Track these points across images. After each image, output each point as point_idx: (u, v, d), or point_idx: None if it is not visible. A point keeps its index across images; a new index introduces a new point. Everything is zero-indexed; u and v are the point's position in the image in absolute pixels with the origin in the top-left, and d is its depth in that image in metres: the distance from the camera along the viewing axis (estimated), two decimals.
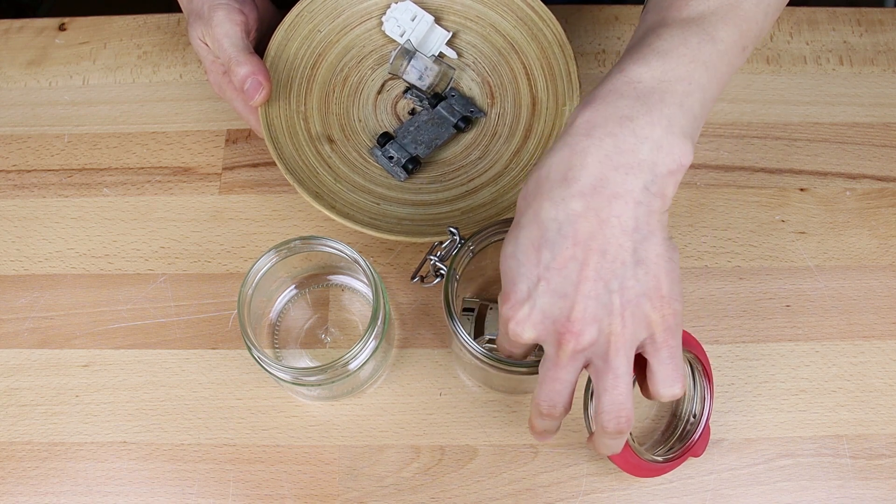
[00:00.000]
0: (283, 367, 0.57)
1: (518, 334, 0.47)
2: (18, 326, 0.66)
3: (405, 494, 0.61)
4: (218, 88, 0.67)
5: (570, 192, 0.45)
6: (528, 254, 0.46)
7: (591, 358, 0.47)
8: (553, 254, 0.45)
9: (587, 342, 0.46)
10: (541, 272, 0.46)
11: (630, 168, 0.44)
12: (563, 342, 0.46)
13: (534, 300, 0.46)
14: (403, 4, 0.70)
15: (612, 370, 0.46)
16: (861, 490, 0.60)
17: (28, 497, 0.61)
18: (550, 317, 0.46)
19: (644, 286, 0.45)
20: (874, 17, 0.76)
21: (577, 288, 0.45)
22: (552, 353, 0.47)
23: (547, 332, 0.46)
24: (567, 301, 0.45)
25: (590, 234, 0.45)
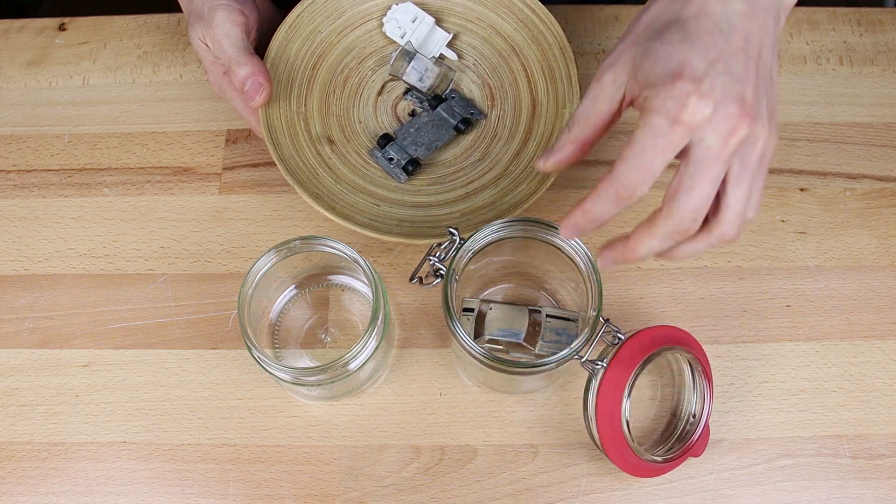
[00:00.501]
0: (283, 367, 0.57)
1: (697, 111, 0.44)
2: (18, 326, 0.66)
3: (405, 494, 0.61)
4: (218, 89, 0.67)
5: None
6: (700, 38, 0.46)
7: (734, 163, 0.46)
8: (727, 42, 0.46)
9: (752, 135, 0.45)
10: (718, 55, 0.45)
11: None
12: (738, 126, 0.45)
13: (713, 77, 0.45)
14: (404, 6, 0.70)
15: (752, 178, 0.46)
16: (861, 490, 0.60)
17: (28, 497, 0.61)
18: (729, 97, 0.45)
19: (775, 104, 0.48)
20: (874, 17, 0.76)
21: (747, 78, 0.45)
22: (716, 143, 0.45)
23: (724, 114, 0.45)
24: (741, 87, 0.45)
25: (754, 34, 0.46)
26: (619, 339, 0.57)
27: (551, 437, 0.62)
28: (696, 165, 0.46)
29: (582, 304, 0.59)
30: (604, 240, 0.68)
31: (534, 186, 0.64)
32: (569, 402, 0.63)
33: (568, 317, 0.62)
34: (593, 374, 0.56)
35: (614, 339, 0.57)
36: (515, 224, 0.57)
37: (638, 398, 0.63)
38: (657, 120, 0.45)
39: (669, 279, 0.66)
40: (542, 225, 0.57)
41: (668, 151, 0.45)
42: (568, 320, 0.62)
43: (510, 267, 0.65)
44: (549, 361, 0.54)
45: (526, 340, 0.62)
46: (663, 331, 0.58)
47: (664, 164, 0.46)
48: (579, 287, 0.59)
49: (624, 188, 0.46)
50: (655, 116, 0.45)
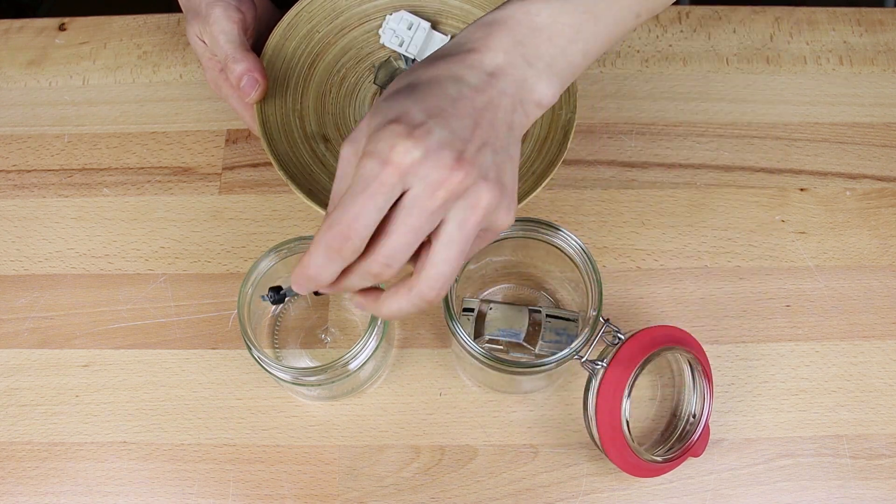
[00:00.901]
0: (284, 368, 0.57)
1: (404, 152, 0.43)
2: (18, 326, 0.66)
3: (405, 494, 0.61)
4: (215, 86, 0.67)
5: (471, 72, 0.47)
6: (426, 96, 0.46)
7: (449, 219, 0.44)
8: (453, 103, 0.46)
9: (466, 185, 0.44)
10: (439, 111, 0.45)
11: (514, 80, 0.48)
12: (449, 176, 0.43)
13: (431, 127, 0.44)
14: (398, 15, 0.70)
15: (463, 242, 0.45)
16: (861, 490, 0.60)
17: (28, 497, 0.61)
18: (444, 146, 0.44)
19: (507, 179, 0.46)
20: (874, 17, 0.76)
21: (470, 136, 0.45)
22: (423, 193, 0.43)
23: (435, 160, 0.43)
24: (461, 143, 0.44)
25: (484, 106, 0.46)
26: (619, 339, 0.57)
27: (551, 437, 0.62)
28: (399, 211, 0.44)
29: (582, 304, 0.59)
30: (604, 238, 0.68)
31: (529, 186, 0.64)
32: (569, 402, 0.63)
33: (568, 317, 0.62)
34: (593, 374, 0.56)
35: (614, 339, 0.57)
36: (515, 224, 0.57)
37: (638, 398, 0.63)
38: (368, 163, 0.44)
39: (669, 279, 0.66)
40: (541, 225, 0.57)
41: (379, 195, 0.43)
42: (568, 320, 0.62)
43: (510, 267, 0.65)
44: (549, 361, 0.54)
45: (526, 340, 0.62)
46: (663, 331, 0.58)
47: (377, 211, 0.43)
48: (579, 287, 0.59)
49: (334, 237, 0.44)
50: (367, 159, 0.44)
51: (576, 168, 0.70)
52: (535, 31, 0.49)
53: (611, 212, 0.69)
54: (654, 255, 0.67)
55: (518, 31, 0.48)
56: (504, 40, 0.48)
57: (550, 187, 0.69)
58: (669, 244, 0.68)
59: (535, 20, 0.49)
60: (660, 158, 0.71)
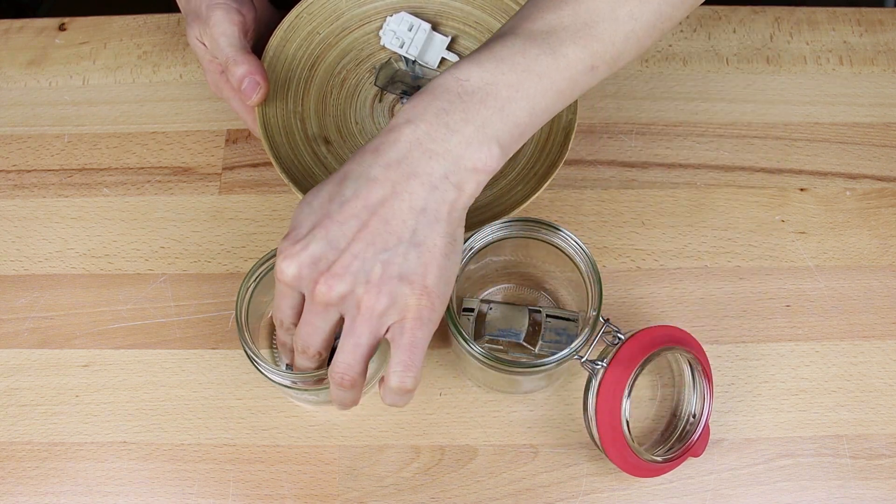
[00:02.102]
0: (282, 373, 0.57)
1: (282, 269, 0.48)
2: (18, 326, 0.66)
3: (405, 494, 0.61)
4: (215, 88, 0.67)
5: (376, 161, 0.48)
6: (322, 203, 0.48)
7: (344, 314, 0.49)
8: (340, 206, 0.47)
9: (336, 297, 0.47)
10: (323, 220, 0.48)
11: (434, 154, 0.47)
12: (315, 288, 0.48)
13: (307, 242, 0.48)
14: (399, 16, 0.70)
15: (355, 335, 0.48)
16: (861, 490, 0.60)
17: (28, 497, 0.61)
18: (316, 261, 0.47)
19: (409, 269, 0.47)
20: (874, 17, 0.76)
21: (349, 244, 0.47)
22: (308, 299, 0.49)
23: (307, 274, 0.48)
24: (335, 253, 0.47)
25: (380, 200, 0.47)
26: (619, 339, 0.57)
27: (551, 437, 0.62)
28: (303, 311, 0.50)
29: (582, 304, 0.59)
30: (604, 238, 0.68)
31: (531, 188, 0.64)
32: (569, 402, 0.63)
33: (568, 317, 0.62)
34: (593, 374, 0.56)
35: (614, 339, 0.57)
36: (515, 224, 0.57)
37: (638, 398, 0.63)
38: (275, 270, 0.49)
39: (669, 279, 0.67)
40: (542, 225, 0.57)
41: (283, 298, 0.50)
42: (568, 320, 0.62)
43: (510, 267, 0.65)
44: (549, 361, 0.54)
45: (526, 340, 0.62)
46: (663, 331, 0.58)
47: (289, 308, 0.51)
48: (579, 287, 0.59)
49: (277, 323, 0.53)
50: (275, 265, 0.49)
51: (576, 168, 0.70)
52: (464, 96, 0.48)
53: (611, 212, 0.69)
54: (654, 255, 0.67)
55: (444, 99, 0.48)
56: (429, 110, 0.48)
57: (550, 187, 0.69)
58: (669, 244, 0.68)
59: (464, 85, 0.48)
60: (660, 158, 0.71)
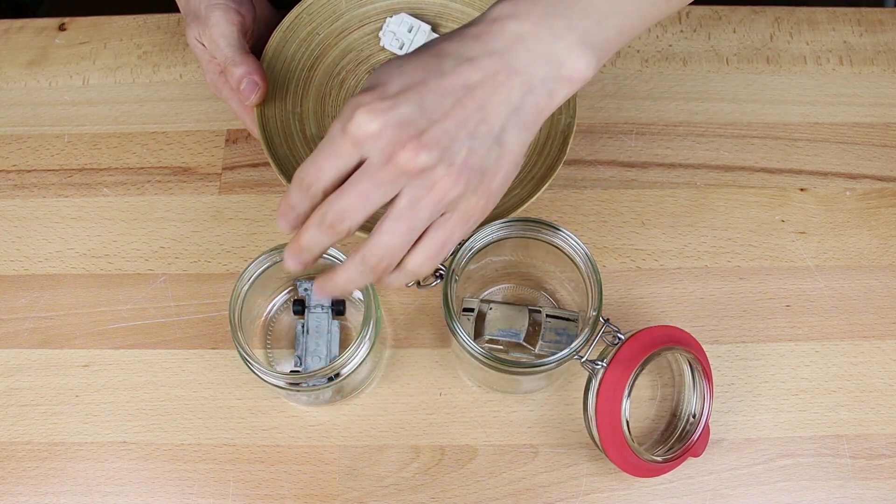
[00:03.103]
0: (277, 374, 0.57)
1: (360, 123, 0.44)
2: (18, 326, 0.66)
3: (405, 494, 0.61)
4: (214, 88, 0.67)
5: (478, 47, 0.46)
6: (416, 69, 0.45)
7: (403, 194, 0.45)
8: (439, 78, 0.45)
9: (417, 167, 0.44)
10: (417, 85, 0.45)
11: (537, 55, 0.46)
12: (397, 152, 0.44)
13: (397, 101, 0.44)
14: (398, 17, 0.70)
15: (413, 220, 0.45)
16: (861, 490, 0.60)
17: (28, 497, 0.61)
18: (404, 124, 0.44)
19: (487, 165, 0.46)
20: (874, 17, 0.76)
21: (442, 117, 0.44)
22: (376, 164, 0.44)
23: (391, 135, 0.44)
24: (426, 122, 0.44)
25: (479, 84, 0.45)
26: (619, 339, 0.57)
27: (551, 437, 0.62)
28: (355, 175, 0.45)
29: (582, 304, 0.59)
30: (604, 238, 0.68)
31: (529, 190, 0.64)
32: (569, 402, 0.63)
33: (568, 317, 0.62)
34: (593, 374, 0.56)
35: (614, 339, 0.57)
36: (515, 224, 0.57)
37: (638, 398, 0.63)
38: (335, 125, 0.45)
39: (669, 279, 0.67)
40: (541, 225, 0.57)
41: (336, 158, 0.45)
42: (568, 320, 0.62)
43: (510, 267, 0.65)
44: (549, 361, 0.54)
45: (526, 340, 0.62)
46: (663, 331, 0.58)
47: (334, 170, 0.45)
48: (579, 287, 0.59)
49: (302, 179, 0.46)
50: (335, 121, 0.45)
51: (576, 168, 0.70)
52: (569, 3, 0.47)
53: (611, 212, 0.69)
54: (654, 255, 0.67)
55: (548, 2, 0.47)
56: (533, 10, 0.46)
57: (550, 187, 0.69)
58: (669, 244, 0.68)
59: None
60: (660, 158, 0.71)
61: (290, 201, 0.47)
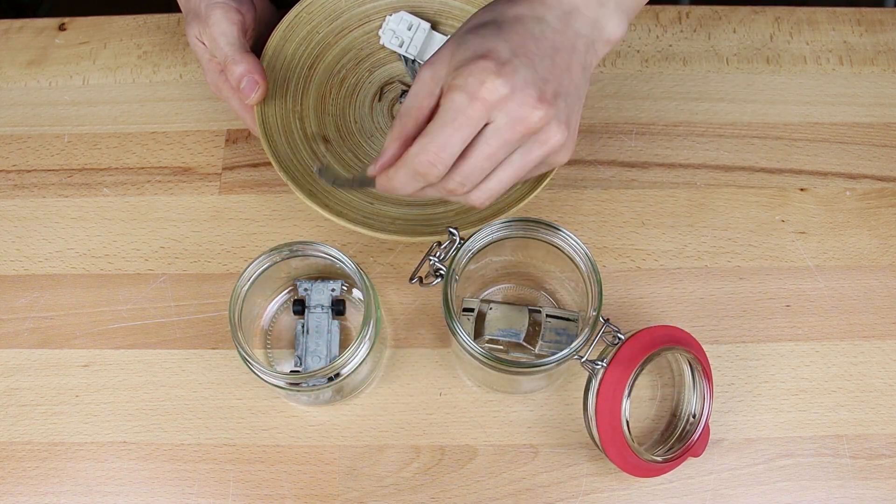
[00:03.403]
0: (277, 374, 0.57)
1: (493, 88, 0.46)
2: (18, 326, 0.66)
3: (405, 494, 0.61)
4: (214, 87, 0.67)
5: (550, 12, 0.50)
6: (512, 35, 0.48)
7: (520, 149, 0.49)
8: (536, 41, 0.48)
9: (542, 124, 0.48)
10: (522, 49, 0.48)
11: (587, 20, 0.51)
12: (530, 114, 0.47)
13: (516, 66, 0.47)
14: (398, 15, 0.70)
15: (519, 167, 0.50)
16: (861, 490, 0.60)
17: (28, 497, 0.61)
18: (529, 85, 0.47)
19: (575, 118, 0.50)
20: (874, 17, 0.76)
21: (550, 76, 0.48)
22: (505, 126, 0.47)
23: (520, 96, 0.47)
24: (543, 82, 0.48)
25: (562, 47, 0.49)
26: (619, 339, 0.57)
27: (551, 437, 0.62)
28: (480, 139, 0.48)
29: (582, 304, 0.59)
30: (604, 238, 0.68)
31: (529, 186, 0.64)
32: (569, 402, 0.63)
33: (568, 317, 0.62)
34: (593, 374, 0.56)
35: (614, 339, 0.57)
36: (515, 224, 0.57)
37: (638, 398, 0.63)
38: (458, 96, 0.47)
39: (669, 279, 0.67)
40: (542, 225, 0.57)
41: (465, 128, 0.47)
42: (568, 320, 0.62)
43: (510, 267, 0.65)
44: (549, 361, 0.54)
45: (526, 340, 0.62)
46: (663, 331, 0.58)
47: (461, 142, 0.47)
48: (579, 287, 0.59)
49: (420, 164, 0.47)
50: (457, 93, 0.47)
51: (576, 168, 0.70)
52: None
53: (611, 212, 0.69)
54: (654, 255, 0.67)
55: None
56: None
57: (550, 187, 0.69)
58: (669, 244, 0.68)
59: None
60: (660, 158, 0.71)
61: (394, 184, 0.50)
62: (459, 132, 0.47)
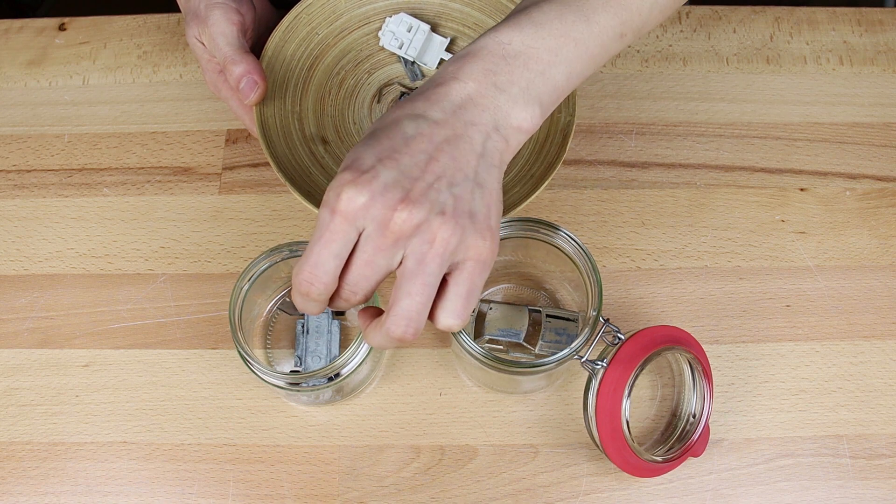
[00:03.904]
0: (277, 374, 0.57)
1: (349, 198, 0.45)
2: (18, 326, 0.66)
3: (405, 494, 0.61)
4: (214, 88, 0.67)
5: (432, 108, 0.48)
6: (381, 141, 0.47)
7: (408, 255, 0.46)
8: (406, 142, 0.47)
9: (413, 225, 0.45)
10: (390, 153, 0.46)
11: (485, 108, 0.48)
12: (392, 216, 0.45)
13: (377, 171, 0.46)
14: (398, 17, 0.70)
15: (424, 275, 0.46)
16: (861, 490, 0.60)
17: (28, 497, 0.61)
18: (389, 189, 0.45)
19: (477, 207, 0.47)
20: (874, 17, 0.76)
21: (423, 172, 0.46)
22: (374, 233, 0.46)
23: (380, 202, 0.45)
24: (409, 181, 0.46)
25: (445, 140, 0.47)
26: (619, 339, 0.57)
27: (551, 437, 0.62)
28: (356, 248, 0.46)
29: (582, 304, 0.59)
30: (604, 238, 0.68)
31: (528, 189, 0.64)
32: (569, 402, 0.63)
33: (568, 317, 0.62)
34: (593, 374, 0.56)
35: (614, 339, 0.57)
36: (515, 224, 0.57)
37: (638, 398, 0.63)
38: (322, 212, 0.46)
39: (669, 279, 0.67)
40: (542, 225, 0.57)
41: (333, 243, 0.46)
42: (568, 320, 0.62)
43: (510, 267, 0.65)
44: (549, 361, 0.54)
45: (526, 340, 0.62)
46: (663, 331, 0.58)
47: (334, 256, 0.46)
48: (579, 287, 0.59)
49: (300, 284, 0.47)
50: (322, 209, 0.46)
51: (576, 168, 0.70)
52: (508, 59, 0.49)
53: (611, 212, 0.69)
54: (654, 255, 0.67)
55: (489, 60, 0.49)
56: (475, 70, 0.49)
57: (550, 187, 0.69)
58: (669, 244, 0.68)
59: (507, 48, 0.49)
60: (660, 158, 0.71)
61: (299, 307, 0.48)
62: (328, 248, 0.46)
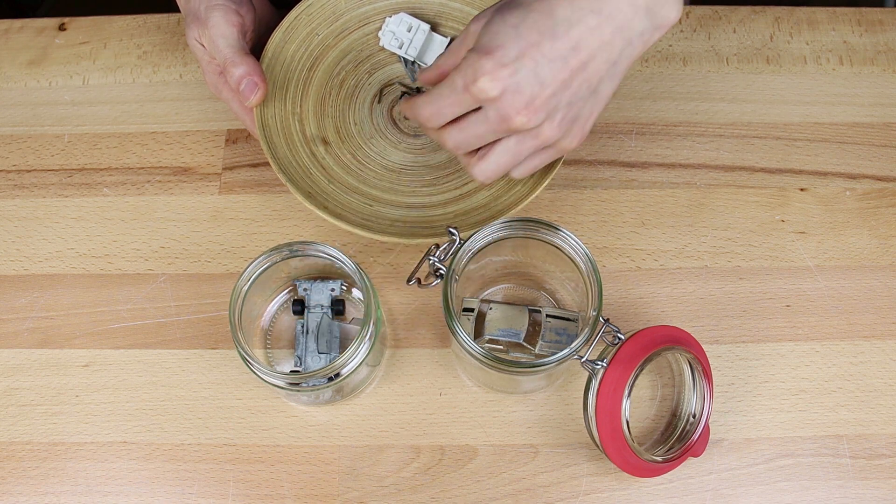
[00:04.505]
0: (277, 374, 0.57)
1: (485, 87, 0.50)
2: (18, 326, 0.66)
3: (405, 494, 0.61)
4: (214, 89, 0.67)
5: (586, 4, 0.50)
6: (530, 32, 0.50)
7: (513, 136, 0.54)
8: (551, 41, 0.50)
9: (528, 127, 0.52)
10: (532, 49, 0.50)
11: (639, 9, 0.51)
12: (515, 116, 0.51)
13: (516, 69, 0.50)
14: (398, 17, 0.70)
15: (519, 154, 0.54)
16: (861, 490, 0.60)
17: (28, 497, 0.61)
18: (521, 90, 0.50)
19: (584, 114, 0.53)
20: (874, 17, 0.76)
21: (551, 82, 0.50)
22: (493, 119, 0.52)
23: (509, 100, 0.50)
24: (539, 88, 0.50)
25: (586, 44, 0.50)
26: (619, 339, 0.57)
27: (551, 437, 0.62)
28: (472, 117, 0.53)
29: (582, 304, 0.59)
30: (604, 238, 0.68)
31: (528, 188, 0.64)
32: (569, 402, 0.63)
33: (568, 317, 0.62)
34: (593, 374, 0.56)
35: (614, 339, 0.57)
36: (515, 224, 0.57)
37: (638, 398, 0.63)
38: (457, 79, 0.51)
39: (669, 279, 0.67)
40: (542, 225, 0.57)
41: (456, 106, 0.53)
42: (568, 320, 0.62)
43: (510, 267, 0.65)
44: (549, 361, 0.54)
45: (526, 340, 0.62)
46: (663, 331, 0.58)
47: (452, 115, 0.53)
48: (579, 287, 0.59)
49: (416, 116, 0.55)
50: (457, 76, 0.51)
51: (576, 168, 0.70)
52: None
53: (611, 212, 0.69)
54: (654, 255, 0.67)
55: None
56: None
57: (550, 187, 0.69)
58: (669, 244, 0.68)
59: None
60: (660, 158, 0.71)
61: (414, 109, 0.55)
62: (451, 108, 0.53)
